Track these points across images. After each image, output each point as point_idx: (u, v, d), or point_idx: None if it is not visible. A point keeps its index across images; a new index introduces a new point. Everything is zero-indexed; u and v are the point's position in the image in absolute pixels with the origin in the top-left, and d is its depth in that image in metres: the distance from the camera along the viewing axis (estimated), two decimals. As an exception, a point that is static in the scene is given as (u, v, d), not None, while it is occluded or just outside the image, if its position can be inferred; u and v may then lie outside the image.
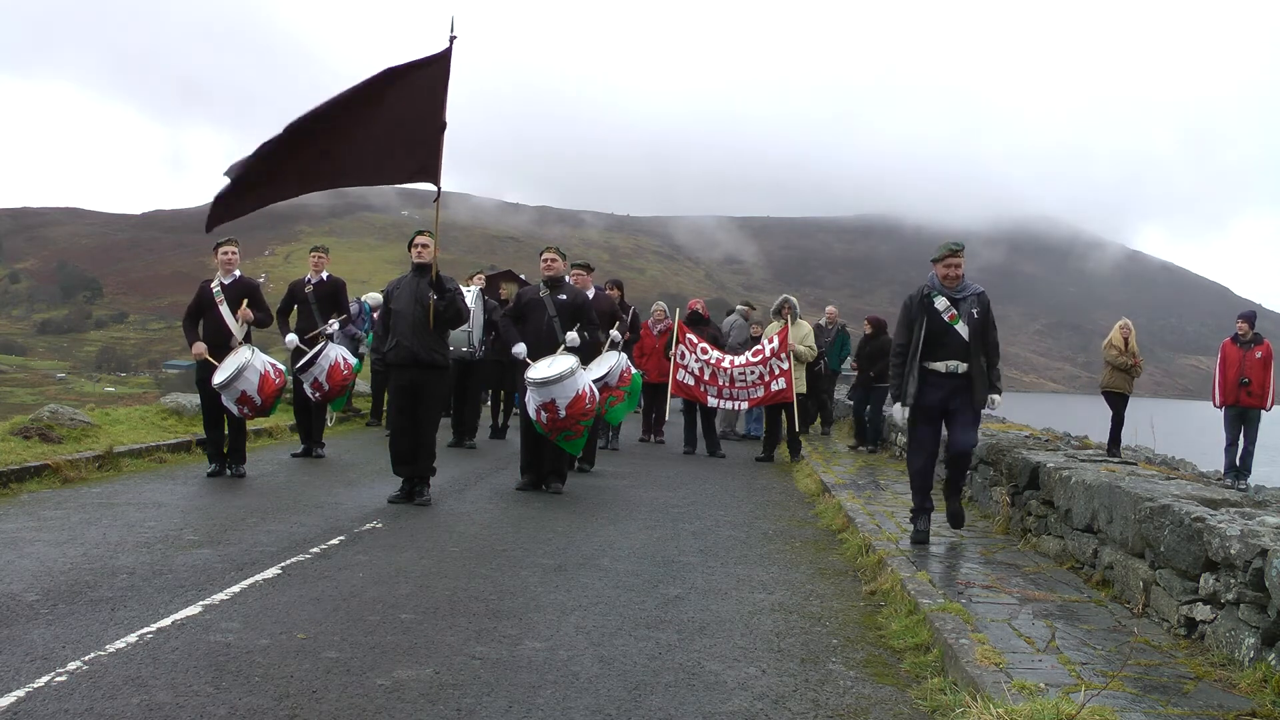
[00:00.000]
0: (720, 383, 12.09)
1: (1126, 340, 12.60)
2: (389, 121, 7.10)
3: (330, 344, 10.07)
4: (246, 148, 7.18)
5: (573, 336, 8.43)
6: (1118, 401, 12.68)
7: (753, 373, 11.96)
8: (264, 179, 6.98)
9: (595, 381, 9.24)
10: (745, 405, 12.34)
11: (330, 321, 10.11)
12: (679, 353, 12.23)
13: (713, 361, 12.15)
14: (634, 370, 10.38)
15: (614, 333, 10.23)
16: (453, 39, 7.21)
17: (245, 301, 8.72)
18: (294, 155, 6.97)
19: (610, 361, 9.62)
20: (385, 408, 10.89)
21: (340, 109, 6.96)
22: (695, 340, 12.32)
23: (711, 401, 12.16)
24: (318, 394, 10.05)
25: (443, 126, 7.28)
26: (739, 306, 15.47)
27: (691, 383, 12.19)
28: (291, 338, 9.94)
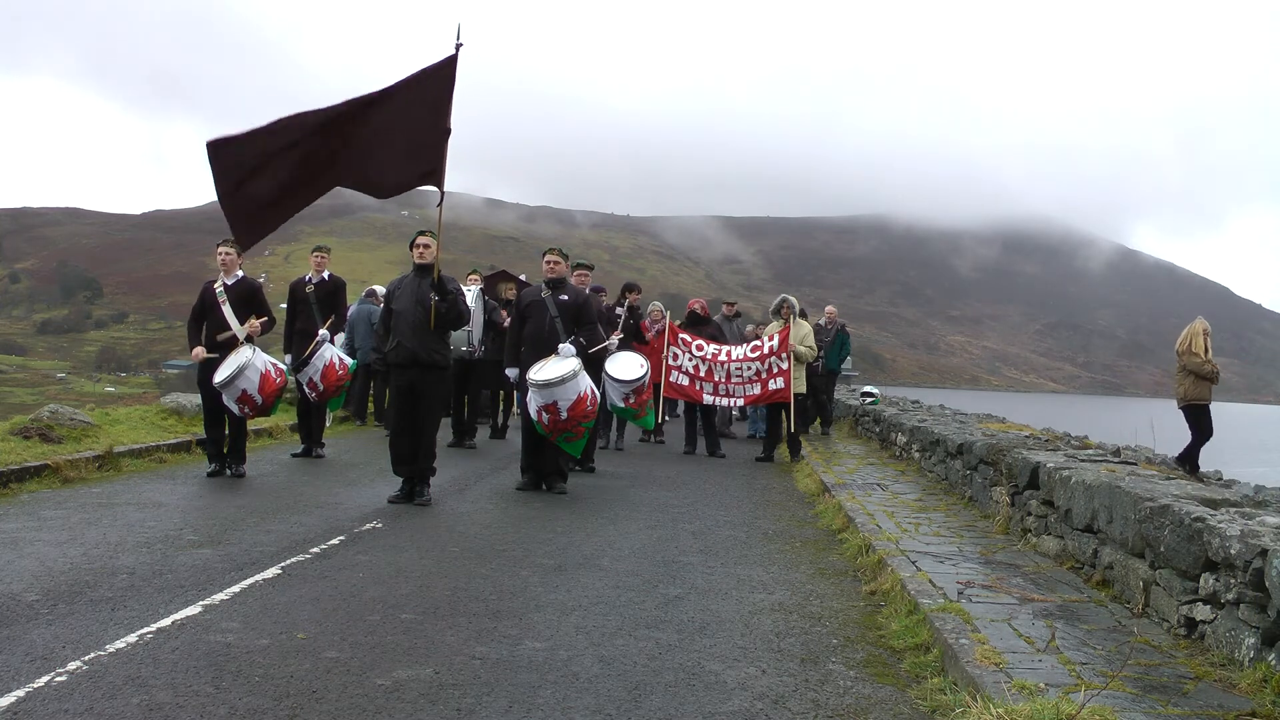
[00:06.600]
0: (716, 378, 12.04)
1: (1207, 344, 11.05)
2: (396, 127, 7.14)
3: (326, 344, 10.08)
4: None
5: (568, 348, 8.45)
6: (1202, 415, 11.05)
7: (749, 368, 11.92)
8: (283, 191, 6.97)
9: (634, 381, 9.74)
10: (741, 402, 12.29)
11: (321, 332, 10.08)
12: (671, 354, 12.19)
13: (709, 356, 12.10)
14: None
15: (614, 338, 10.42)
16: (459, 46, 7.23)
17: (254, 317, 8.73)
18: (304, 163, 6.97)
19: (640, 360, 10.01)
20: (387, 407, 10.90)
21: (348, 116, 6.99)
22: (689, 339, 12.30)
23: (708, 399, 12.13)
24: (314, 394, 10.07)
25: (447, 132, 7.32)
26: (723, 308, 16.04)
27: (686, 383, 12.15)
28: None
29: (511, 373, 8.98)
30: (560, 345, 8.50)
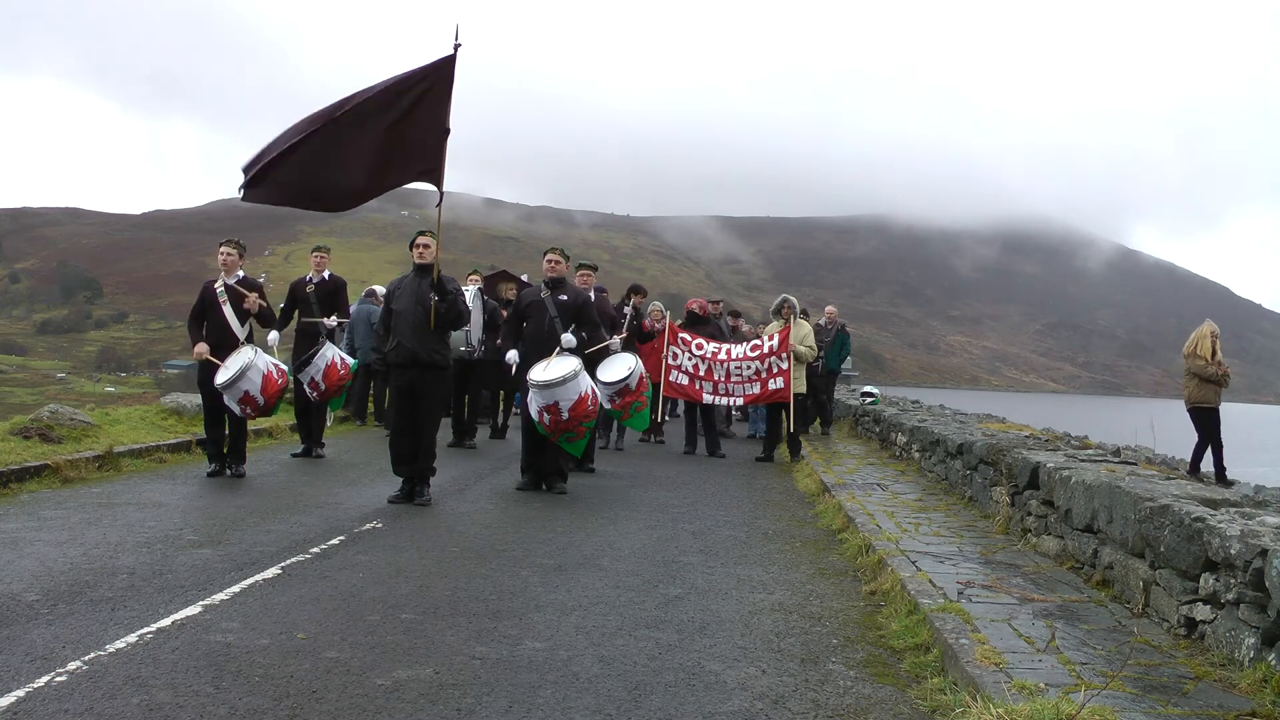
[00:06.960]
0: (716, 377, 12.03)
1: (1215, 347, 11.03)
2: (396, 127, 7.20)
3: (328, 344, 10.09)
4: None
5: (569, 338, 8.45)
6: (1209, 418, 11.08)
7: (749, 367, 11.92)
8: (296, 180, 7.18)
9: (616, 384, 9.45)
10: (740, 402, 12.29)
11: (329, 318, 10.12)
12: (671, 354, 12.19)
13: (708, 355, 12.09)
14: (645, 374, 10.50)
15: (615, 338, 10.31)
16: (457, 47, 7.28)
17: (255, 294, 8.73)
18: (315, 164, 7.12)
19: (629, 363, 9.72)
20: (387, 407, 10.90)
21: (350, 117, 7.09)
22: (689, 339, 12.29)
23: (707, 398, 12.12)
24: (315, 394, 10.07)
25: (446, 132, 7.36)
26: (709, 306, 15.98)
27: (685, 382, 12.14)
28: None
29: (511, 355, 8.81)
30: (563, 335, 8.48)
